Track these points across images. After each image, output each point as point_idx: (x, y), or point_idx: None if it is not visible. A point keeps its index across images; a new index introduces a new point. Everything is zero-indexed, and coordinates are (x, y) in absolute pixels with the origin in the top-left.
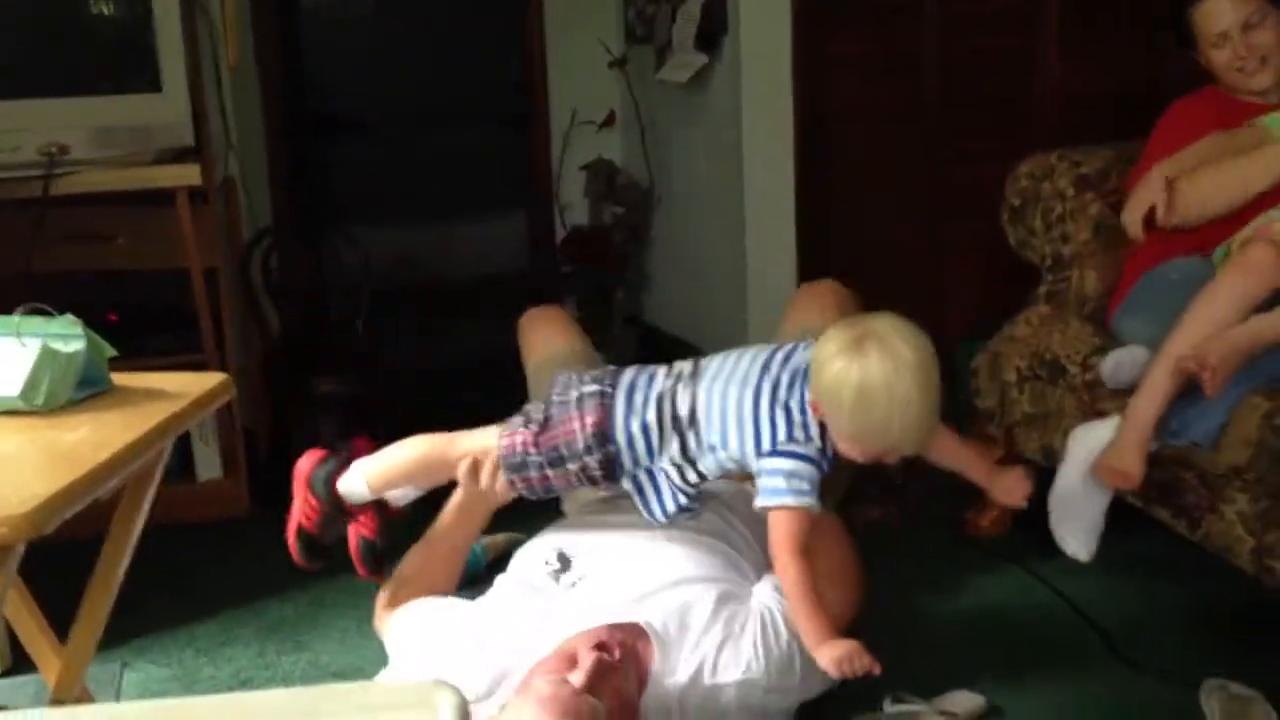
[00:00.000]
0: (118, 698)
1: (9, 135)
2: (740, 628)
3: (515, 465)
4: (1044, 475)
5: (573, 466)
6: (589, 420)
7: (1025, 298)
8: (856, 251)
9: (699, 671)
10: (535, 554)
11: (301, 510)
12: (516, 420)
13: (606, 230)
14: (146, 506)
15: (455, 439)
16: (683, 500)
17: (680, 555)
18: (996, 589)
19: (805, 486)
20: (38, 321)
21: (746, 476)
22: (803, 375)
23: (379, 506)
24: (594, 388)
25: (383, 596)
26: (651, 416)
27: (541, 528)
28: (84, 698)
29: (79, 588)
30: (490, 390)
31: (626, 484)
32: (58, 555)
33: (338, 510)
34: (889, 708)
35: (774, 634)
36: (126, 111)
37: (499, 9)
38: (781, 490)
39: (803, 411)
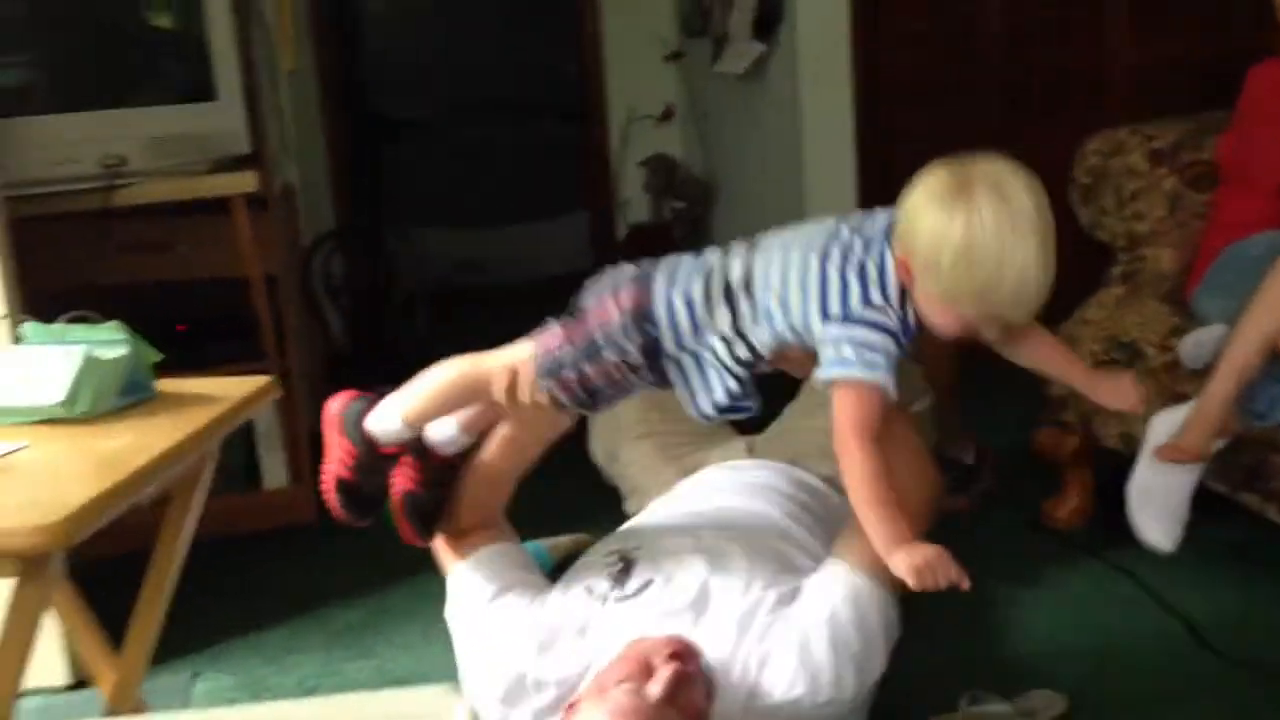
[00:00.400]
0: (186, 706)
1: (68, 148)
2: (784, 643)
3: (550, 368)
4: (1125, 464)
5: (610, 356)
6: (625, 300)
7: (1098, 280)
8: None
9: (748, 694)
10: (597, 558)
11: (337, 458)
12: (551, 323)
13: (667, 226)
14: (196, 512)
15: (489, 355)
16: (733, 386)
17: (740, 559)
18: (1077, 582)
19: (879, 359)
20: (81, 329)
21: (808, 360)
22: (882, 235)
23: (422, 454)
24: (632, 271)
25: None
26: (698, 288)
27: (609, 528)
28: (140, 708)
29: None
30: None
31: (671, 372)
32: (119, 567)
33: (373, 453)
34: (966, 707)
35: (820, 649)
36: (183, 121)
37: (555, 6)
38: (849, 361)
39: (881, 271)
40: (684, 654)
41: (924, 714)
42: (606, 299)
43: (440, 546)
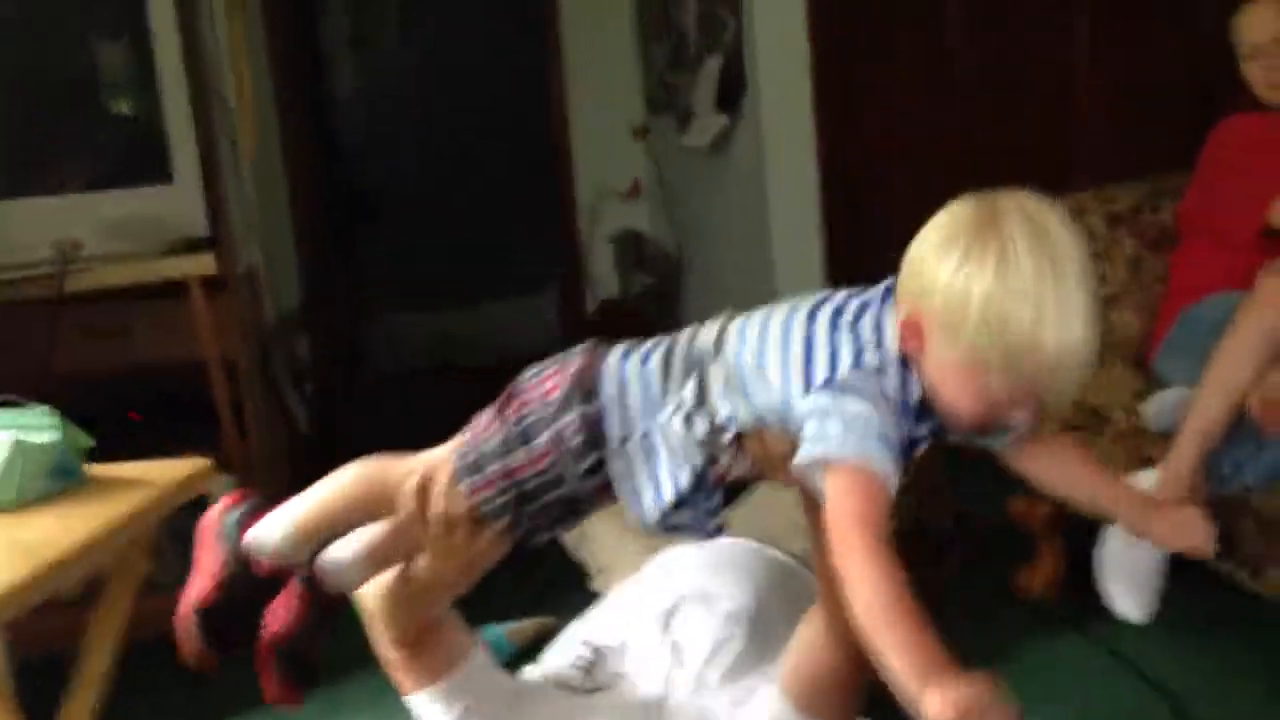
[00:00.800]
0: None
1: (22, 232)
2: None
3: (472, 463)
4: (1094, 529)
5: (544, 439)
6: (570, 370)
7: None
8: None
9: None
10: (566, 647)
11: (202, 575)
12: (480, 414)
13: (636, 301)
14: (127, 604)
15: (405, 458)
16: (684, 482)
17: (702, 654)
18: (1052, 653)
19: (873, 438)
20: (9, 413)
21: (786, 451)
22: (881, 294)
23: (311, 584)
24: (583, 345)
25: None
26: (658, 357)
27: (574, 610)
28: None
29: None
30: None
31: (614, 464)
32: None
33: (247, 571)
34: None
35: None
36: (139, 204)
37: (523, 88)
38: (835, 438)
39: (878, 331)
40: None
41: None
42: (548, 373)
43: (392, 663)
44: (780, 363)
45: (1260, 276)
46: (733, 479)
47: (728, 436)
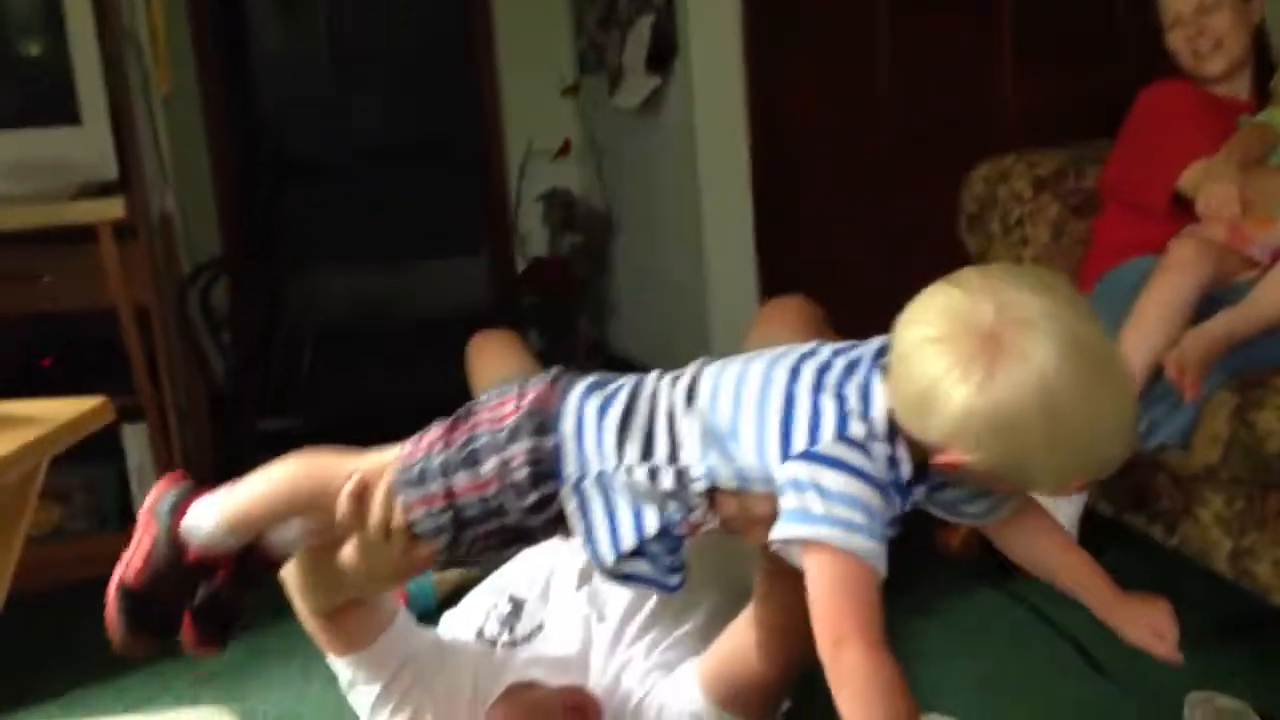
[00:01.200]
0: None
1: None
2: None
3: (414, 476)
4: None
5: (490, 465)
6: (528, 396)
7: None
8: (818, 269)
9: None
10: (486, 597)
11: (135, 553)
12: (435, 423)
13: (566, 260)
14: (16, 542)
15: (349, 456)
16: (650, 526)
17: (626, 601)
18: (971, 609)
19: (858, 519)
20: None
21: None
22: (873, 357)
23: (247, 552)
24: (553, 372)
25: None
26: (622, 399)
27: (498, 561)
28: None
29: None
30: None
31: (570, 505)
32: None
33: (176, 557)
34: None
35: None
36: (45, 145)
37: (451, 45)
38: (816, 517)
39: (865, 400)
40: (583, 708)
41: None
42: (507, 397)
43: (312, 629)
44: (756, 423)
45: (1173, 242)
46: (703, 533)
47: (699, 488)
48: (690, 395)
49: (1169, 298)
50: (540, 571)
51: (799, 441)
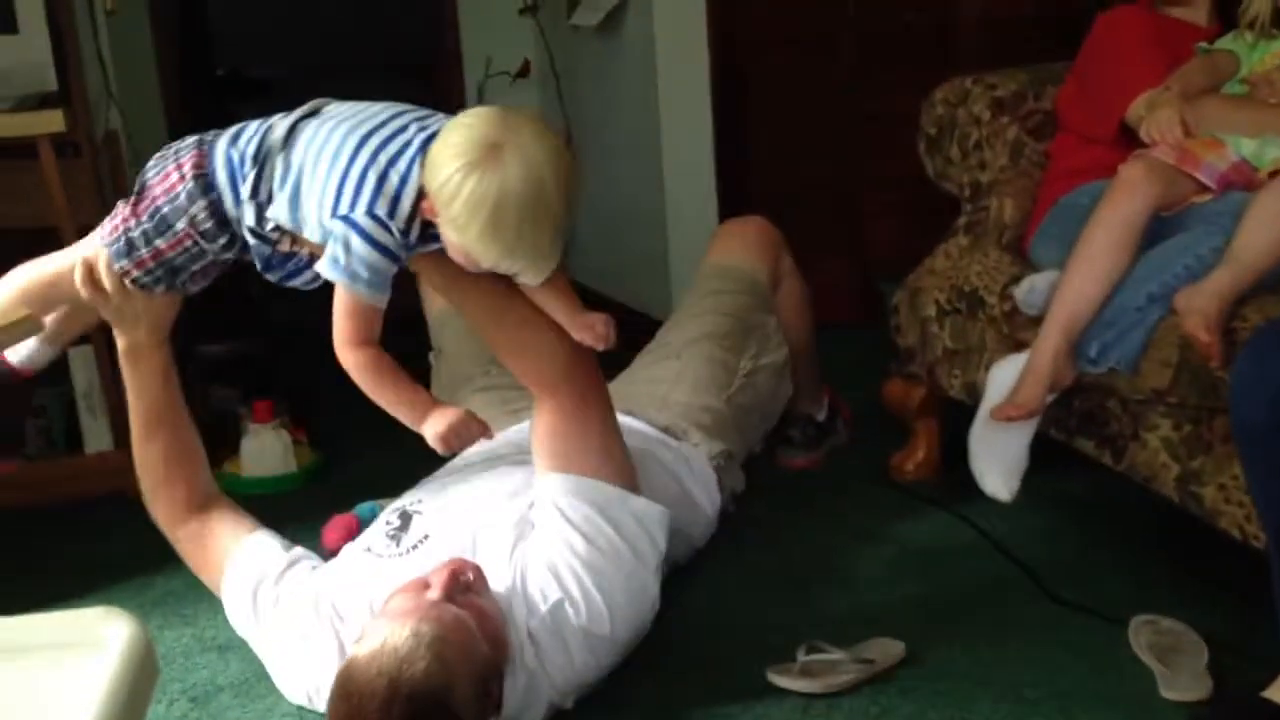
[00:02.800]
0: None
1: None
2: (533, 556)
3: (122, 250)
4: (969, 413)
5: (181, 226)
6: (186, 165)
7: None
8: (777, 191)
9: (528, 616)
10: (383, 515)
11: None
12: (118, 206)
13: None
14: None
15: (54, 256)
16: (260, 259)
17: (505, 496)
18: (921, 533)
19: (366, 274)
20: None
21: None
22: (419, 148)
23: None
24: (194, 138)
25: (167, 506)
26: (250, 148)
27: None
28: None
29: None
30: (400, 352)
31: (237, 240)
32: None
33: None
34: (803, 658)
35: (548, 549)
36: None
37: None
38: (341, 267)
39: (401, 186)
40: (459, 566)
41: (763, 666)
42: (169, 168)
43: (187, 555)
44: (324, 180)
45: (1123, 165)
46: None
47: (269, 228)
48: (286, 143)
49: (1118, 219)
50: (435, 489)
51: (344, 204)
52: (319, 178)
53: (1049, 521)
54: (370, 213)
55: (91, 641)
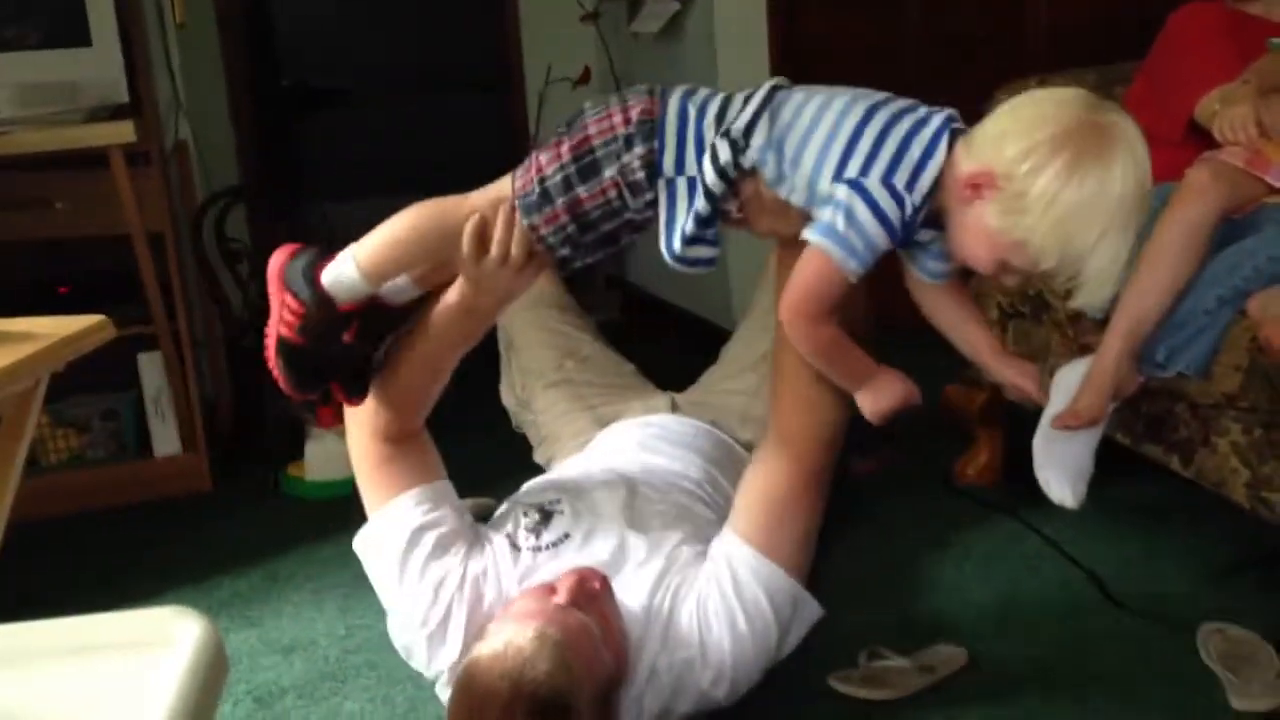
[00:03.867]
0: None
1: None
2: (685, 607)
3: (535, 202)
4: (1032, 417)
5: (609, 173)
6: (634, 109)
7: None
8: None
9: (663, 643)
10: (514, 510)
11: (279, 316)
12: (533, 155)
13: None
14: (19, 456)
15: (460, 198)
16: (690, 228)
17: (656, 519)
18: (984, 539)
19: (861, 248)
20: None
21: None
22: (943, 123)
23: (371, 316)
24: (643, 87)
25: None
26: (717, 102)
27: (513, 490)
28: None
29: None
30: (470, 354)
31: (660, 193)
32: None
33: (326, 308)
34: (866, 664)
35: (709, 615)
36: (55, 66)
37: None
38: (836, 234)
39: (924, 158)
40: (587, 574)
41: (824, 671)
42: (613, 110)
43: (373, 465)
44: (824, 141)
45: (1189, 168)
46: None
47: (745, 162)
48: (773, 107)
49: (1184, 224)
50: (569, 488)
51: (852, 168)
52: (818, 138)
53: (1115, 527)
54: (887, 181)
55: (163, 640)
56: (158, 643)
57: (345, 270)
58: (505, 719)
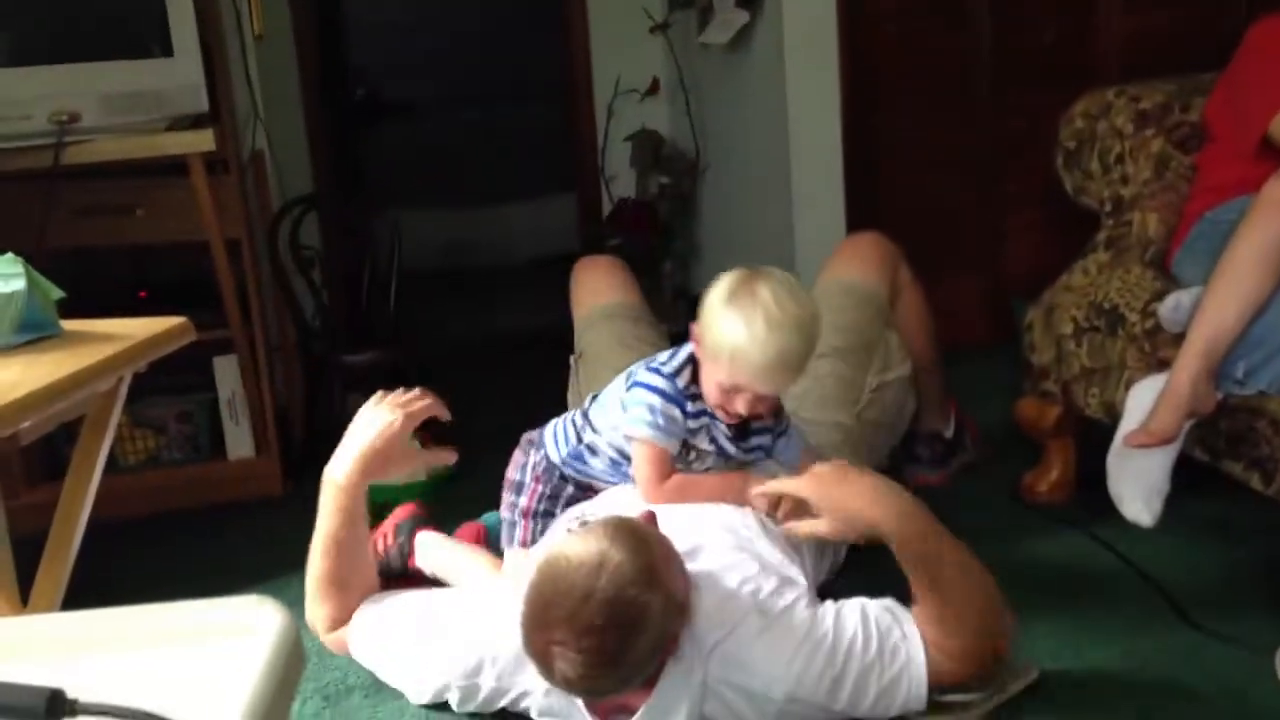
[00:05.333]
0: None
1: (19, 104)
2: (790, 629)
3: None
4: (1104, 432)
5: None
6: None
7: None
8: (909, 211)
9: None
10: (560, 523)
11: (378, 536)
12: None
13: (653, 202)
14: (101, 453)
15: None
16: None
17: (705, 527)
18: (1055, 555)
19: (660, 421)
20: None
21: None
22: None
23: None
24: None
25: (322, 616)
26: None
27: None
28: None
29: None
30: (533, 365)
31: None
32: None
33: (402, 558)
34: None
35: (837, 657)
36: (137, 76)
37: None
38: (636, 420)
39: (673, 354)
40: (649, 515)
41: None
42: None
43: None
44: (613, 391)
45: (1267, 183)
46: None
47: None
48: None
49: (1261, 240)
50: (608, 502)
51: (634, 375)
52: (611, 391)
53: (1191, 546)
54: (653, 369)
55: (243, 628)
56: (238, 630)
57: (422, 555)
58: (581, 608)
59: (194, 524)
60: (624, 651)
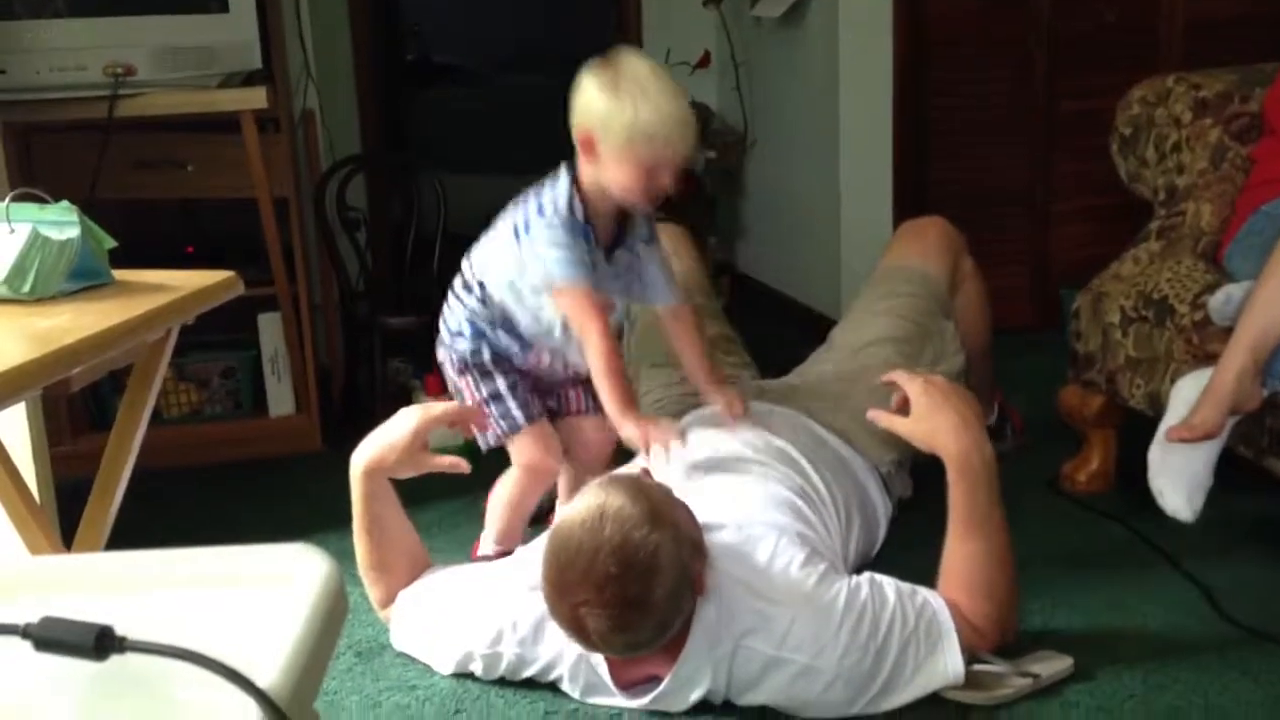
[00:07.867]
0: None
1: (75, 54)
2: (842, 606)
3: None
4: (1147, 424)
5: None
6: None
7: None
8: (955, 191)
9: (764, 622)
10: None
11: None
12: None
13: (699, 177)
14: (148, 402)
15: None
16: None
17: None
18: (1093, 546)
19: (575, 259)
20: (30, 208)
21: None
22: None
23: None
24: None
25: (374, 597)
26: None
27: None
28: None
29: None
30: None
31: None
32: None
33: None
34: (967, 667)
35: (877, 631)
36: (192, 31)
37: None
38: (555, 273)
39: (555, 189)
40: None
41: None
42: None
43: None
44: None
45: None
46: None
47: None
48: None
49: None
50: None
51: (522, 227)
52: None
53: (1231, 542)
54: (540, 210)
55: (287, 575)
56: (283, 577)
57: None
58: (594, 563)
59: (233, 478)
60: (648, 593)
